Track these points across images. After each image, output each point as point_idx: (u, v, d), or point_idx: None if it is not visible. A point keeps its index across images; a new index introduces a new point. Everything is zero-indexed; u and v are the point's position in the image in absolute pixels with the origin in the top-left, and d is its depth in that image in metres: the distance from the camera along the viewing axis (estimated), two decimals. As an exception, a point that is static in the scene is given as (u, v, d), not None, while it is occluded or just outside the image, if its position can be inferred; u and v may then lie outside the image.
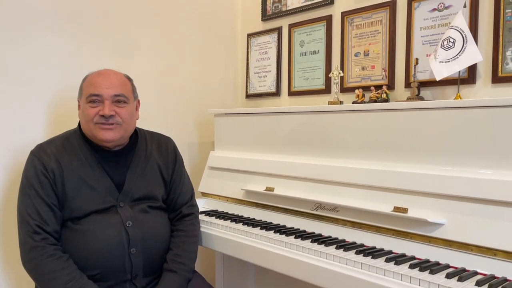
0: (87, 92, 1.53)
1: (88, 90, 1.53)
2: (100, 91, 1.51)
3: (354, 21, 2.09)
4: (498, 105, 1.30)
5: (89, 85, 1.54)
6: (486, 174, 1.30)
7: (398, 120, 1.53)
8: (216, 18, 2.58)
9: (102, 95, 1.51)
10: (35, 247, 1.40)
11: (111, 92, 1.53)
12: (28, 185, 1.46)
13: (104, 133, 1.51)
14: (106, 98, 1.52)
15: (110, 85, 1.54)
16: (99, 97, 1.51)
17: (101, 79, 1.54)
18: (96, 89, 1.52)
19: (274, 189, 1.83)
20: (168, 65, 2.36)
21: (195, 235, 1.70)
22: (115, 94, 1.53)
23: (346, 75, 2.13)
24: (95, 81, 1.54)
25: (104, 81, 1.54)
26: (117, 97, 1.54)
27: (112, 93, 1.53)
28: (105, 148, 1.57)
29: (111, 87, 1.53)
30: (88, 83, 1.55)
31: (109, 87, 1.53)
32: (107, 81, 1.54)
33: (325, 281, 1.33)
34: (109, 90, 1.53)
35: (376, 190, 1.52)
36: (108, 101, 1.52)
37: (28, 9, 1.83)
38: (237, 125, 2.14)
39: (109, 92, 1.52)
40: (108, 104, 1.51)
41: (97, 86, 1.52)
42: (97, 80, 1.54)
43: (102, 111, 1.50)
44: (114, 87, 1.54)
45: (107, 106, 1.51)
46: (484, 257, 1.23)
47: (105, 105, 1.51)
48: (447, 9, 1.78)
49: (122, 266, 1.49)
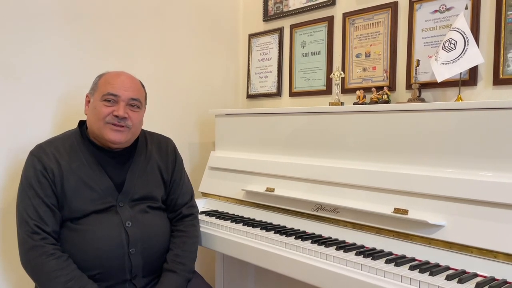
0: (104, 90, 1.53)
1: (105, 88, 1.54)
2: (118, 92, 1.53)
3: (356, 22, 2.09)
4: (499, 107, 1.30)
5: (106, 84, 1.55)
6: (487, 176, 1.30)
7: (399, 121, 1.53)
8: (217, 18, 2.58)
9: (119, 96, 1.53)
10: (35, 247, 1.40)
11: (129, 95, 1.55)
12: (28, 185, 1.46)
13: (113, 133, 1.52)
14: (122, 100, 1.53)
15: (128, 88, 1.56)
16: (116, 97, 1.53)
17: (120, 81, 1.56)
18: (114, 89, 1.53)
19: (275, 189, 1.83)
20: (170, 65, 2.36)
21: (195, 235, 1.70)
22: (131, 98, 1.55)
23: (347, 76, 2.13)
24: (114, 81, 1.55)
25: (123, 83, 1.56)
26: (133, 101, 1.56)
27: (130, 96, 1.55)
28: (105, 148, 1.57)
29: (129, 90, 1.55)
30: (106, 81, 1.56)
31: (127, 90, 1.55)
32: (126, 83, 1.56)
33: (325, 282, 1.33)
34: (126, 92, 1.54)
35: (376, 191, 1.52)
36: (123, 103, 1.53)
37: (30, 10, 1.83)
38: (238, 126, 2.14)
39: (126, 94, 1.54)
40: (123, 105, 1.53)
41: (115, 86, 1.54)
42: (116, 81, 1.55)
43: (117, 112, 1.51)
44: (131, 91, 1.56)
45: (122, 108, 1.52)
46: (485, 259, 1.23)
47: (120, 106, 1.52)
48: (449, 10, 1.77)
49: (122, 266, 1.49)
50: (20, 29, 1.82)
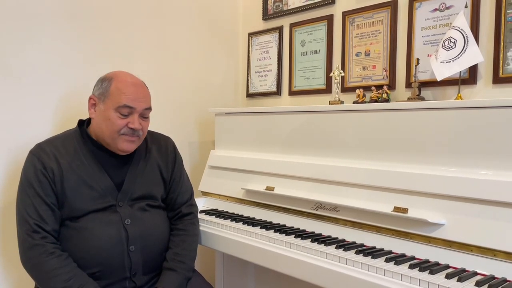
0: (119, 101, 1.48)
1: (120, 99, 1.48)
2: (134, 104, 1.49)
3: (355, 20, 2.09)
4: (498, 105, 1.30)
5: (120, 93, 1.48)
6: (486, 175, 1.30)
7: (398, 120, 1.53)
8: (217, 17, 2.58)
9: (135, 108, 1.50)
10: (35, 245, 1.40)
11: (143, 106, 1.52)
12: (27, 185, 1.46)
13: (127, 144, 1.51)
14: (137, 111, 1.50)
15: (142, 98, 1.52)
16: (132, 109, 1.49)
17: (135, 90, 1.51)
18: (129, 101, 1.48)
19: (275, 188, 1.83)
20: (169, 64, 2.36)
21: (195, 234, 1.70)
22: (145, 108, 1.53)
23: (347, 75, 2.13)
24: (130, 91, 1.49)
25: (138, 93, 1.51)
26: (145, 111, 1.54)
27: (144, 107, 1.52)
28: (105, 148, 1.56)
29: (143, 101, 1.52)
30: (119, 90, 1.49)
31: (141, 101, 1.51)
32: (139, 93, 1.52)
33: (324, 280, 1.33)
34: (141, 104, 1.51)
35: (376, 190, 1.52)
36: (137, 114, 1.51)
37: (29, 10, 1.83)
38: (238, 124, 2.14)
39: (141, 106, 1.51)
40: (137, 117, 1.51)
41: (130, 97, 1.48)
42: (131, 91, 1.50)
43: (132, 124, 1.49)
44: (145, 101, 1.53)
45: (136, 120, 1.50)
46: (484, 257, 1.23)
47: (135, 119, 1.50)
48: (448, 9, 1.77)
49: (121, 264, 1.49)
50: (20, 29, 1.81)
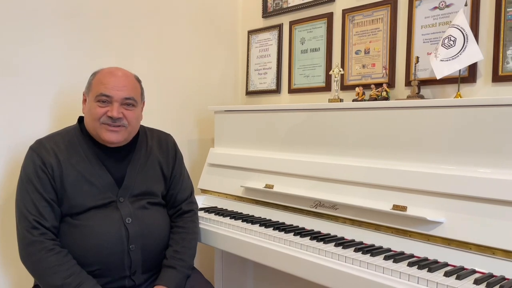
0: (97, 91, 1.50)
1: (98, 89, 1.50)
2: (111, 92, 1.49)
3: (355, 18, 2.09)
4: (498, 104, 1.30)
5: (99, 84, 1.51)
6: (485, 173, 1.30)
7: (398, 118, 1.53)
8: (216, 15, 2.58)
9: (112, 96, 1.49)
10: (34, 242, 1.40)
11: (122, 94, 1.51)
12: (27, 181, 1.45)
13: (109, 134, 1.51)
14: (115, 100, 1.50)
15: (122, 87, 1.51)
16: (109, 98, 1.49)
17: (113, 80, 1.51)
18: (107, 90, 1.49)
19: (274, 186, 1.83)
20: (169, 62, 2.36)
21: (195, 232, 1.70)
22: (125, 97, 1.52)
23: (347, 73, 2.12)
24: (107, 81, 1.51)
25: (116, 82, 1.51)
26: (127, 100, 1.53)
27: (123, 96, 1.51)
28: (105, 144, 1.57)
29: (122, 90, 1.51)
30: (99, 81, 1.52)
31: (120, 89, 1.51)
32: (119, 82, 1.52)
33: (323, 278, 1.33)
34: (120, 92, 1.51)
35: (375, 188, 1.52)
36: (117, 103, 1.50)
37: (28, 8, 1.83)
38: (237, 122, 2.14)
39: (119, 94, 1.51)
40: (116, 106, 1.50)
41: (108, 86, 1.50)
42: (109, 80, 1.51)
43: (111, 113, 1.49)
44: (125, 90, 1.52)
45: (115, 108, 1.49)
46: (483, 255, 1.24)
47: (114, 107, 1.49)
48: (448, 7, 1.77)
49: (121, 262, 1.49)
50: (18, 27, 1.81)
